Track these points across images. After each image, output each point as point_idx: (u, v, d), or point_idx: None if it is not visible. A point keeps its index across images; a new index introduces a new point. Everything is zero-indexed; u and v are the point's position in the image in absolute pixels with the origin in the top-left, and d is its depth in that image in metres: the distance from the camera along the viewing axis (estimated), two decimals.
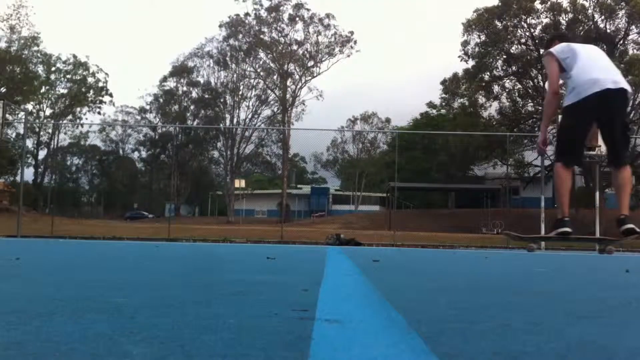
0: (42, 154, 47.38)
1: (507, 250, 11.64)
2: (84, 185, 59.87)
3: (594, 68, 4.21)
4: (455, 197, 46.05)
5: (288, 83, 42.64)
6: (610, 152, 4.35)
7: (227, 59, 43.77)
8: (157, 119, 51.15)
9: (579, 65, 4.23)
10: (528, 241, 6.35)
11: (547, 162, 20.42)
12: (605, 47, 29.87)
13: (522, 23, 31.10)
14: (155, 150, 53.34)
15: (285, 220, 27.11)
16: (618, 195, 4.17)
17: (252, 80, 44.56)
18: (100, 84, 47.93)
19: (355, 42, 42.22)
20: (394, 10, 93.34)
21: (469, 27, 31.45)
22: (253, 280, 2.25)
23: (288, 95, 42.79)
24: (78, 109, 47.64)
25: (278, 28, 42.09)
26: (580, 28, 29.49)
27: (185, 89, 48.48)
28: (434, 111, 43.27)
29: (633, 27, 29.43)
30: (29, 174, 43.94)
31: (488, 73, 32.51)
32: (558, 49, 4.48)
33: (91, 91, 47.69)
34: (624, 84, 4.17)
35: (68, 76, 46.85)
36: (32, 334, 1.01)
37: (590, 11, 29.70)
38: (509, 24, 30.91)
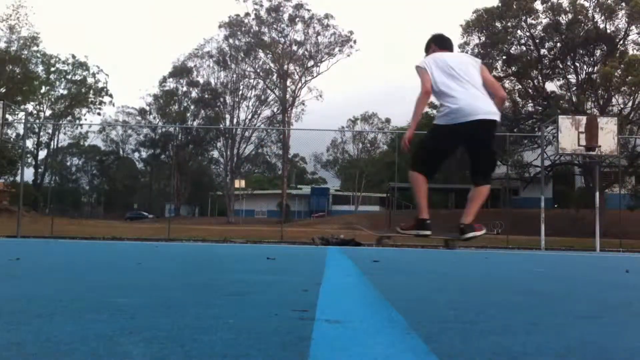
0: (42, 154, 47.46)
1: (507, 250, 11.64)
2: (84, 186, 59.92)
3: (468, 94, 4.33)
4: (455, 198, 46.04)
5: (288, 83, 42.70)
6: (474, 172, 4.59)
7: (227, 58, 43.82)
8: (157, 120, 51.18)
9: (453, 87, 4.35)
10: (383, 237, 6.49)
11: (547, 163, 20.35)
12: (605, 47, 29.92)
13: (522, 23, 31.12)
14: (155, 151, 53.36)
15: (285, 221, 27.12)
16: (470, 203, 4.48)
17: (251, 81, 44.65)
18: (100, 85, 48.01)
19: (355, 42, 42.28)
20: (394, 10, 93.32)
21: (467, 28, 31.46)
22: (253, 280, 2.25)
23: (288, 96, 42.83)
24: (77, 109, 47.70)
25: (278, 28, 42.15)
26: (580, 28, 29.49)
27: (185, 89, 48.55)
28: (434, 111, 43.28)
29: (633, 27, 29.43)
30: (29, 174, 43.98)
31: None
32: (433, 61, 4.53)
33: (91, 92, 47.73)
34: (495, 114, 4.35)
35: (68, 77, 46.91)
36: (32, 334, 1.00)
37: (590, 11, 29.71)
38: (508, 24, 30.92)
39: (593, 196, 14.35)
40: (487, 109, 4.24)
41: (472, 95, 4.26)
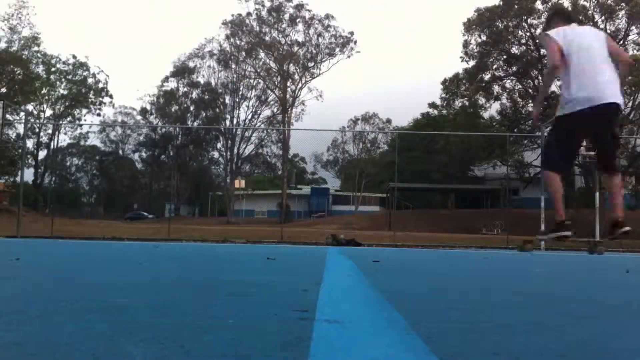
0: (42, 154, 47.46)
1: (507, 251, 11.65)
2: (83, 186, 59.94)
3: (594, 77, 4.04)
4: (455, 198, 46.02)
5: (288, 83, 42.69)
6: (601, 161, 4.35)
7: (230, 59, 43.82)
8: (157, 120, 51.18)
9: (580, 68, 4.06)
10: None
11: None
12: None
13: (523, 23, 31.14)
14: (155, 151, 53.36)
15: (285, 221, 27.14)
16: (612, 197, 4.25)
17: (252, 81, 44.64)
18: (101, 85, 47.99)
19: (355, 43, 42.29)
20: (394, 10, 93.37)
21: (469, 26, 31.49)
22: (253, 280, 2.25)
23: (288, 96, 42.83)
24: (78, 110, 47.68)
25: (279, 29, 42.15)
26: None
27: (185, 89, 48.55)
28: (435, 111, 43.25)
29: (633, 27, 29.45)
30: (29, 174, 43.97)
31: (488, 73, 32.57)
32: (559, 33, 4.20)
33: (91, 92, 47.70)
34: (618, 97, 4.09)
35: (68, 77, 46.90)
36: (32, 334, 1.00)
37: (590, 11, 29.72)
38: (509, 24, 30.95)
39: (593, 196, 14.35)
40: (612, 92, 3.97)
41: (599, 79, 3.98)
